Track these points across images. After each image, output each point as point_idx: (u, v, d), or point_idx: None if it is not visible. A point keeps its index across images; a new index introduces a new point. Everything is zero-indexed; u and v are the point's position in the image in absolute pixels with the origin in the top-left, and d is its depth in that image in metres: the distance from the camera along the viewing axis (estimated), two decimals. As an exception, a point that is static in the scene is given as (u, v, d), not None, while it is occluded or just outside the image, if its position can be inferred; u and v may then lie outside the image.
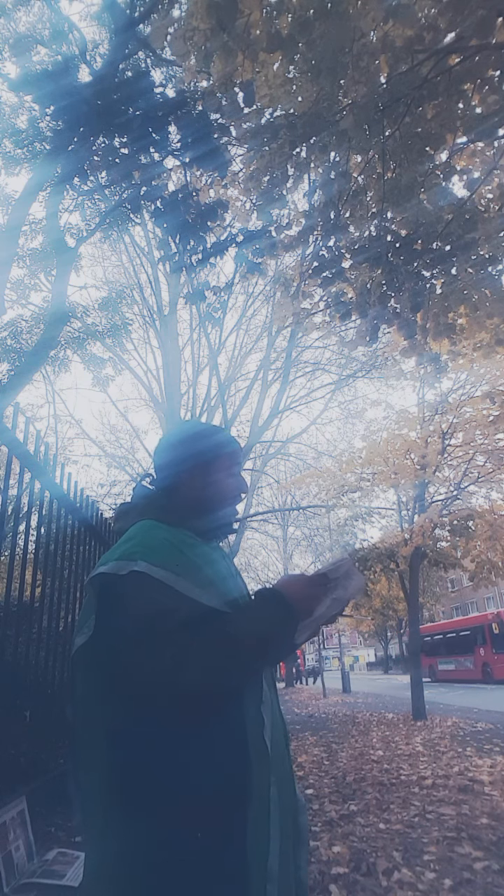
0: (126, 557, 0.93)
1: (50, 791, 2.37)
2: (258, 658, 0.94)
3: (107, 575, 0.92)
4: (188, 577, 0.93)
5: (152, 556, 0.93)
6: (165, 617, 0.88)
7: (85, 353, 8.85)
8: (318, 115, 3.15)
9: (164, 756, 0.87)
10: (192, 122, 3.55)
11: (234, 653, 0.89)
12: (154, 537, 0.98)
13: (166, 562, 0.93)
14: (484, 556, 8.88)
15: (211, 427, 1.21)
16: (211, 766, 0.88)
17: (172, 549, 0.97)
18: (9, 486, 2.26)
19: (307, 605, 0.97)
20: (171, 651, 0.85)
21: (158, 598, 0.89)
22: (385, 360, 9.86)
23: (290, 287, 4.35)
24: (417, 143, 3.22)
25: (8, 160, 5.95)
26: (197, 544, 1.03)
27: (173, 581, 0.91)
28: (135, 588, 0.90)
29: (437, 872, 2.60)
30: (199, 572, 0.97)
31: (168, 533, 1.00)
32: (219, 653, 0.88)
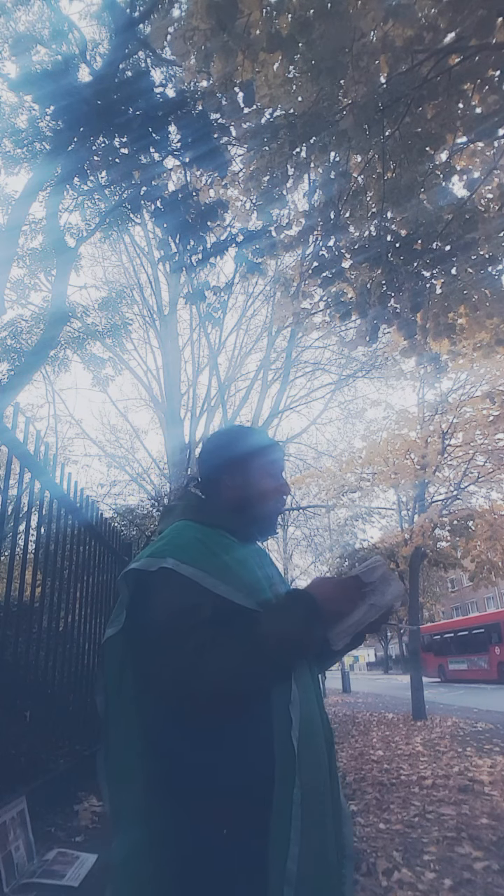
0: (156, 555, 0.97)
1: (50, 791, 2.37)
2: (280, 657, 0.94)
3: (138, 571, 0.96)
4: (217, 575, 0.95)
5: (181, 553, 0.97)
6: (190, 612, 0.91)
7: (85, 353, 8.85)
8: (318, 115, 3.15)
9: (191, 750, 0.90)
10: (192, 122, 3.55)
11: (255, 651, 0.90)
12: (185, 536, 1.02)
13: (195, 559, 0.96)
14: (484, 556, 8.88)
15: (252, 430, 1.24)
16: (235, 763, 0.89)
17: (203, 548, 1.00)
18: (9, 486, 2.26)
19: (337, 607, 0.97)
20: (192, 646, 0.87)
21: (184, 593, 0.93)
22: (385, 360, 9.87)
23: (290, 287, 4.35)
24: (417, 143, 3.22)
25: (8, 160, 5.94)
26: (232, 545, 1.04)
27: (201, 578, 0.94)
28: (163, 584, 0.94)
29: (437, 872, 2.60)
30: (230, 572, 0.98)
31: (200, 533, 1.03)
32: (239, 650, 0.90)
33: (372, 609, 1.00)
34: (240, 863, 0.86)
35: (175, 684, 0.88)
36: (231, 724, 0.90)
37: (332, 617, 0.96)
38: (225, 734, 0.90)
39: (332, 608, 0.96)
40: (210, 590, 0.93)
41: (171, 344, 11.67)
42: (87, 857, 1.81)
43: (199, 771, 0.89)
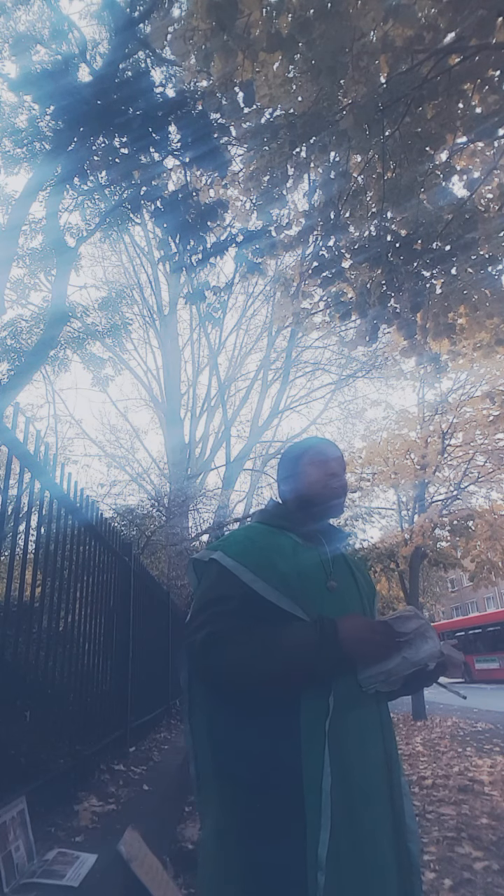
0: (211, 548, 1.12)
1: (50, 791, 2.37)
2: (287, 670, 0.97)
3: (195, 560, 1.13)
4: (258, 572, 1.04)
5: (230, 548, 1.08)
6: (218, 601, 1.01)
7: (85, 353, 8.85)
8: (318, 115, 3.15)
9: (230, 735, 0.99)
10: (192, 122, 3.55)
11: (262, 655, 0.97)
12: (239, 535, 1.15)
13: (240, 554, 1.06)
14: (484, 556, 8.88)
15: (311, 439, 1.34)
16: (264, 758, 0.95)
17: (251, 545, 1.09)
18: (9, 486, 2.26)
19: (361, 647, 0.99)
20: (208, 631, 0.97)
21: (220, 583, 1.04)
22: (385, 360, 9.87)
23: (290, 287, 4.35)
24: (417, 143, 3.22)
25: (8, 160, 5.94)
26: (292, 545, 1.11)
27: (241, 571, 1.04)
28: (207, 572, 1.08)
29: (437, 872, 2.60)
30: (275, 570, 1.05)
31: (259, 533, 1.14)
32: (247, 650, 0.97)
33: (405, 662, 0.99)
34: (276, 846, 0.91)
35: (191, 662, 1.00)
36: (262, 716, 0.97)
37: (354, 655, 0.99)
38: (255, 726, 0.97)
39: (355, 648, 0.98)
40: (247, 584, 1.02)
41: (171, 344, 11.68)
42: (87, 857, 1.81)
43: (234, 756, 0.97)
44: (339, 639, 0.96)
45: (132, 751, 3.73)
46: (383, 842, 0.97)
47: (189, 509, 10.05)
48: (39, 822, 2.01)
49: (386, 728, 1.09)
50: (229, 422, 12.05)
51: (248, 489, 13.76)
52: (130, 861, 1.71)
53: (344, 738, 0.97)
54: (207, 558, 1.09)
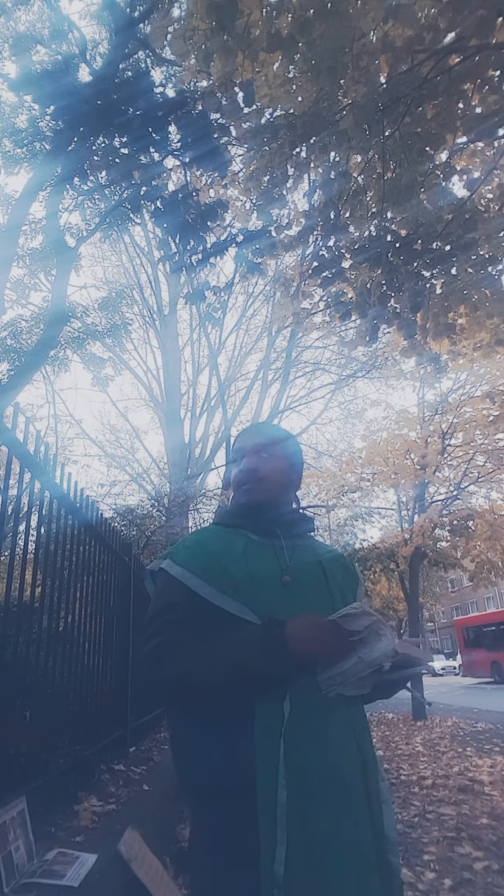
0: (162, 557, 1.10)
1: (50, 791, 2.37)
2: (235, 675, 0.92)
3: (149, 570, 1.12)
4: (205, 576, 1.02)
5: (178, 555, 1.07)
6: (165, 610, 1.00)
7: (85, 353, 8.85)
8: (318, 115, 3.15)
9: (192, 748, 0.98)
10: (192, 122, 3.55)
11: (208, 663, 0.94)
12: (189, 540, 1.12)
13: (187, 560, 1.05)
14: (484, 556, 8.88)
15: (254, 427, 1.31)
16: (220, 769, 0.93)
17: (199, 550, 1.07)
18: (9, 486, 2.26)
19: (309, 648, 0.92)
20: (156, 641, 0.97)
21: (168, 592, 1.03)
22: (385, 360, 9.87)
23: (290, 287, 4.35)
24: (417, 143, 3.22)
25: (8, 160, 5.94)
26: (248, 545, 1.08)
27: (187, 578, 1.02)
28: (159, 582, 1.07)
29: (437, 872, 2.60)
30: (224, 573, 1.02)
31: (209, 535, 1.12)
32: (194, 658, 0.95)
33: (360, 662, 0.93)
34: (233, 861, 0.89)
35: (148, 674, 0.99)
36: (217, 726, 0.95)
37: (304, 657, 0.93)
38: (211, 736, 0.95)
39: (303, 648, 0.92)
40: (193, 590, 1.00)
41: (171, 344, 11.68)
42: (87, 857, 1.81)
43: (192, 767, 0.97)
44: (286, 640, 0.91)
45: (132, 751, 3.73)
46: (355, 853, 0.90)
47: (189, 509, 10.05)
48: (39, 822, 2.01)
49: (360, 732, 1.02)
50: (229, 422, 12.05)
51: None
52: (130, 861, 1.71)
53: (306, 745, 0.91)
54: (158, 568, 1.07)
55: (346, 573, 1.18)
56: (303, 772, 0.89)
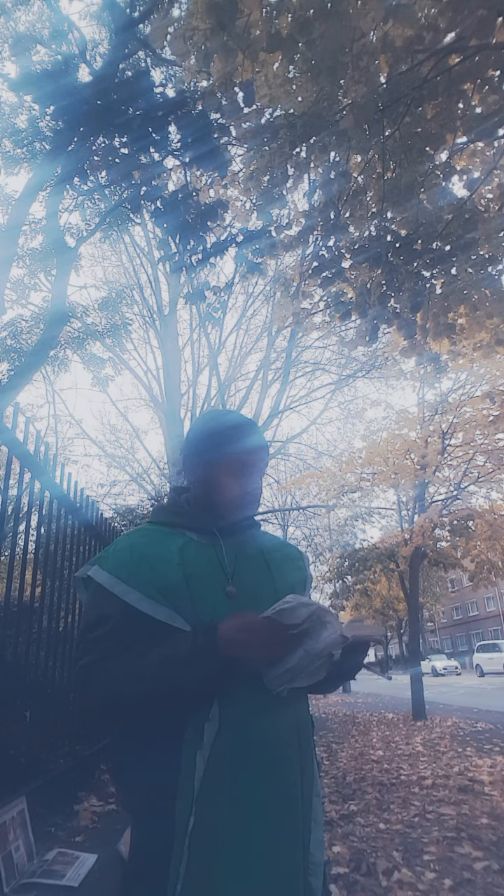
0: (91, 562, 1.02)
1: (50, 791, 2.37)
2: (167, 684, 0.87)
3: (75, 577, 1.04)
4: (133, 582, 0.94)
5: (106, 560, 0.99)
6: (95, 624, 0.93)
7: (85, 353, 8.85)
8: (318, 115, 3.15)
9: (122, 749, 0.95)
10: (192, 122, 3.55)
11: (139, 674, 0.88)
12: (121, 543, 1.03)
13: (116, 566, 0.97)
14: (484, 556, 8.88)
15: (228, 415, 1.13)
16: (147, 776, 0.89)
17: (130, 554, 0.98)
18: (9, 486, 2.26)
19: (244, 650, 0.86)
20: (85, 660, 0.90)
21: (96, 602, 0.96)
22: (385, 360, 9.87)
23: (290, 287, 4.35)
24: (417, 143, 3.22)
25: (8, 160, 5.94)
26: (186, 547, 0.99)
27: (112, 584, 0.94)
28: (84, 591, 1.00)
29: (437, 872, 2.60)
30: (158, 578, 0.94)
31: (142, 537, 1.03)
32: (124, 671, 0.88)
33: (307, 656, 0.89)
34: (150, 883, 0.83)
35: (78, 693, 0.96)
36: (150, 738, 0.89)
37: (238, 659, 0.87)
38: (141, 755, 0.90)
39: (236, 651, 0.86)
40: (120, 598, 0.92)
41: (171, 344, 11.67)
42: (87, 857, 1.81)
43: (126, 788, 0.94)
44: (216, 645, 0.85)
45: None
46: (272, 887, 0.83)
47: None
48: (39, 822, 2.01)
49: (303, 736, 0.96)
50: (229, 422, 12.05)
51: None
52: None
53: (234, 761, 0.85)
54: (85, 574, 0.98)
55: (294, 566, 1.10)
56: (223, 794, 0.83)
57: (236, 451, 1.04)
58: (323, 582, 15.30)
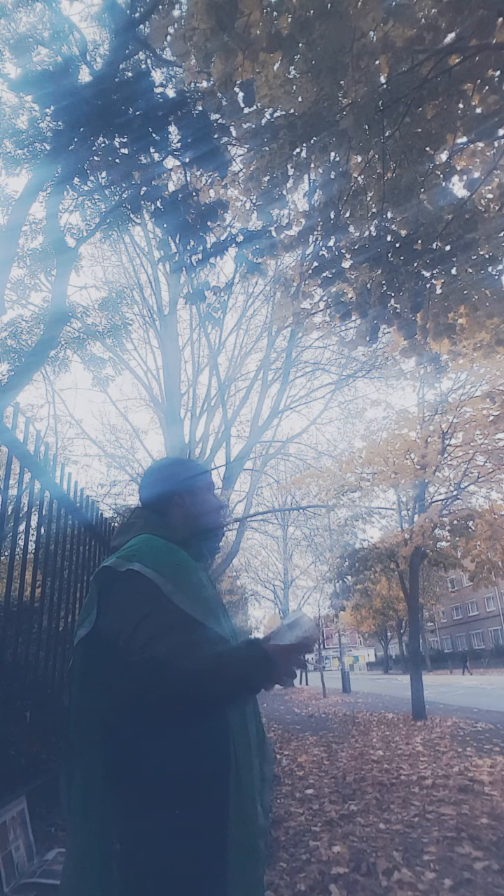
0: (125, 557, 1.04)
1: (50, 791, 2.37)
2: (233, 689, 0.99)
3: (108, 569, 1.03)
4: (176, 584, 1.02)
5: (147, 559, 1.03)
6: (156, 615, 0.97)
7: (85, 353, 8.85)
8: (318, 115, 3.15)
9: (155, 743, 0.96)
10: (192, 122, 3.54)
11: (219, 673, 0.96)
12: (152, 545, 1.09)
13: (159, 566, 1.03)
14: (484, 556, 8.88)
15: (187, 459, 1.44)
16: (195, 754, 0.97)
17: (168, 557, 1.07)
18: (9, 486, 2.26)
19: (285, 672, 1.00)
20: (164, 647, 0.93)
21: (150, 596, 0.99)
22: (385, 360, 9.86)
23: (290, 287, 4.35)
24: (417, 143, 3.22)
25: (8, 160, 5.94)
26: (190, 562, 1.12)
27: (162, 583, 1.00)
28: (130, 585, 1.01)
29: (437, 872, 2.60)
30: (188, 582, 1.05)
31: (165, 545, 1.11)
32: (207, 666, 0.95)
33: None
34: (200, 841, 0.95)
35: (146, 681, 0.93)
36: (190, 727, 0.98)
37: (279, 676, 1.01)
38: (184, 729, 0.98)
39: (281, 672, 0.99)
40: (169, 597, 1.00)
41: (171, 344, 11.66)
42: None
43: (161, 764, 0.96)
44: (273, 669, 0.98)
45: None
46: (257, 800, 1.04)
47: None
48: (39, 822, 2.01)
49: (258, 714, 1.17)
50: (229, 422, 12.04)
51: (248, 489, 13.75)
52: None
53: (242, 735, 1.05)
54: (124, 568, 1.03)
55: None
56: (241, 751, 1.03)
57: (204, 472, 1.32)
58: (323, 582, 15.30)
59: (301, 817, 3.67)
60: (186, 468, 1.32)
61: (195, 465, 1.38)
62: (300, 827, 3.46)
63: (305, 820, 3.61)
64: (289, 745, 7.05)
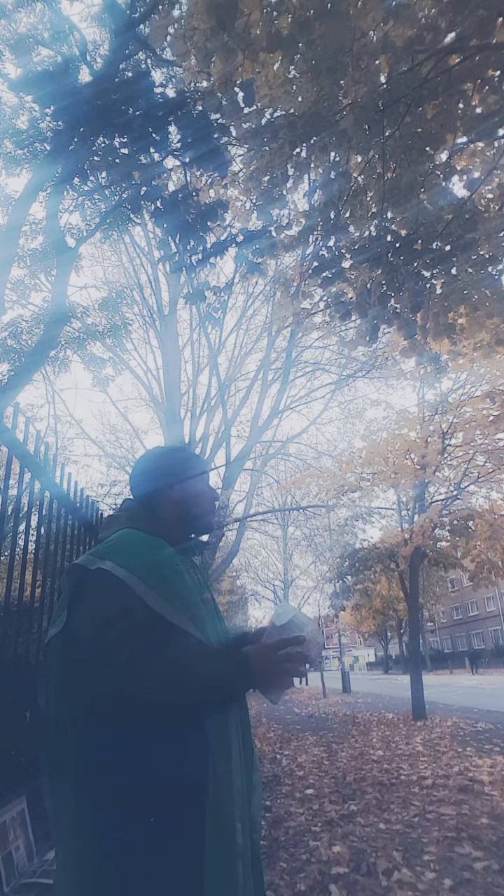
0: (97, 555, 1.00)
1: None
2: (206, 697, 0.96)
3: (78, 566, 0.99)
4: (150, 584, 0.97)
5: (120, 557, 0.99)
6: (122, 616, 0.92)
7: (85, 353, 8.84)
8: (318, 115, 3.15)
9: (128, 751, 0.91)
10: (192, 122, 3.54)
11: (185, 680, 0.92)
12: (127, 543, 1.04)
13: (132, 565, 0.98)
14: (484, 556, 8.88)
15: (179, 447, 1.35)
16: (169, 760, 0.92)
17: (142, 555, 1.02)
18: (9, 486, 2.26)
19: (270, 678, 0.98)
20: (128, 653, 0.88)
21: (117, 596, 0.94)
22: (385, 360, 9.85)
23: (290, 287, 4.35)
24: (417, 143, 3.22)
25: (8, 160, 5.94)
26: (172, 555, 1.08)
27: (133, 583, 0.96)
28: (98, 584, 0.96)
29: (437, 872, 2.60)
30: (166, 581, 1.00)
31: (141, 541, 1.06)
32: (172, 673, 0.91)
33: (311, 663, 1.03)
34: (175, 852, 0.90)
35: (104, 686, 0.89)
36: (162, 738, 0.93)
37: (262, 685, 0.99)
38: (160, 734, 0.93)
39: (264, 679, 0.98)
40: (140, 597, 0.95)
41: (171, 344, 11.66)
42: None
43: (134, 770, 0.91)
44: (252, 673, 0.96)
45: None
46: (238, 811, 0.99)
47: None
48: (39, 822, 2.01)
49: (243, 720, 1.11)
50: (229, 422, 12.03)
51: (248, 489, 13.75)
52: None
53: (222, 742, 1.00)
54: (94, 566, 0.97)
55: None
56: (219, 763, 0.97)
57: (195, 459, 1.27)
58: (323, 582, 15.29)
59: (301, 817, 3.67)
60: (177, 457, 1.26)
61: (187, 452, 1.30)
62: (300, 827, 3.46)
63: (305, 820, 3.61)
64: (289, 745, 7.05)
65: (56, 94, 3.78)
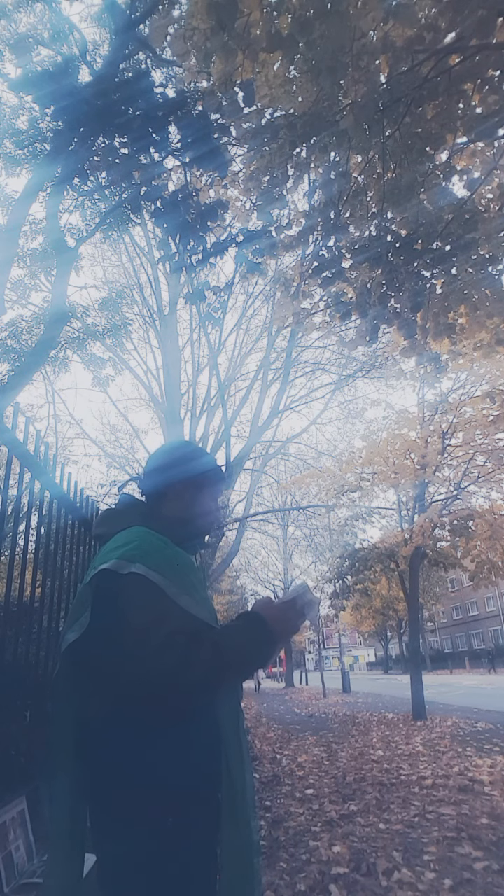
0: (126, 558, 0.99)
1: (50, 791, 2.37)
2: (242, 669, 1.01)
3: (108, 572, 0.97)
4: (177, 585, 1.00)
5: (148, 560, 1.00)
6: (164, 620, 0.94)
7: (85, 353, 8.84)
8: (318, 115, 3.15)
9: (146, 753, 0.93)
10: (192, 122, 3.54)
11: (225, 661, 0.94)
12: (150, 543, 1.05)
13: (160, 567, 1.00)
14: (484, 556, 8.88)
15: (200, 450, 1.32)
16: (187, 761, 0.95)
17: (166, 556, 1.04)
18: (9, 486, 2.26)
19: (284, 627, 1.02)
20: (176, 652, 0.90)
21: (155, 600, 0.96)
22: (385, 360, 9.85)
23: (290, 287, 4.35)
24: (417, 143, 3.22)
25: (8, 160, 5.94)
26: (188, 562, 1.12)
27: (166, 586, 0.98)
28: (134, 589, 0.96)
29: (437, 872, 2.60)
30: (185, 579, 1.04)
31: (163, 542, 1.08)
32: (214, 659, 0.93)
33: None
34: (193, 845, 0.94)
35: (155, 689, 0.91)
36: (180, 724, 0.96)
37: (282, 638, 1.02)
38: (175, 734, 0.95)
39: (280, 628, 1.01)
40: (173, 599, 0.98)
41: (171, 344, 11.66)
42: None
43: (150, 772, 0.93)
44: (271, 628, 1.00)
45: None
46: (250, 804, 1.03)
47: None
48: (39, 822, 2.01)
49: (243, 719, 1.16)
50: (229, 422, 12.03)
51: (248, 489, 13.76)
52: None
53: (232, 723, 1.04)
54: (126, 571, 0.98)
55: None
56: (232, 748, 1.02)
57: (216, 469, 1.27)
58: (323, 582, 15.29)
59: (301, 817, 3.67)
60: (199, 460, 1.25)
61: (208, 458, 1.28)
62: (300, 827, 3.46)
63: (305, 820, 3.61)
64: (289, 745, 7.05)
65: (56, 94, 3.78)
